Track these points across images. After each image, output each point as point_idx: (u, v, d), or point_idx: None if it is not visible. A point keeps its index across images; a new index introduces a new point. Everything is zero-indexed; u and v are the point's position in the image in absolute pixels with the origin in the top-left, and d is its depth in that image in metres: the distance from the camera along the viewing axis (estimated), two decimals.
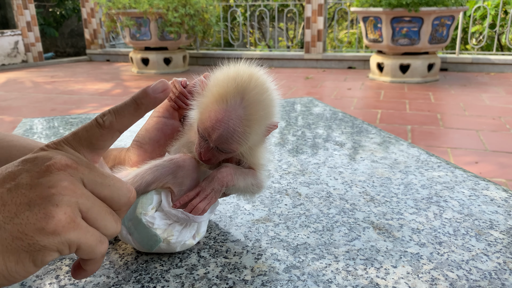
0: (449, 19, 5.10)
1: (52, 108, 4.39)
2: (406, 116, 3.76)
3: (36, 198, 0.33)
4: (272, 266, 0.49)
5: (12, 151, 0.63)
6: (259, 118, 0.46)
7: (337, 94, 4.71)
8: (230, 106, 0.45)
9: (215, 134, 0.46)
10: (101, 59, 8.10)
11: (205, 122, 0.46)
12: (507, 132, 3.27)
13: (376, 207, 0.63)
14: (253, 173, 0.53)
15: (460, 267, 0.49)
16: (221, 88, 0.46)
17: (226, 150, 0.48)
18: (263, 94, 0.47)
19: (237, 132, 0.46)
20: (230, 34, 7.46)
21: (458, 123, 3.53)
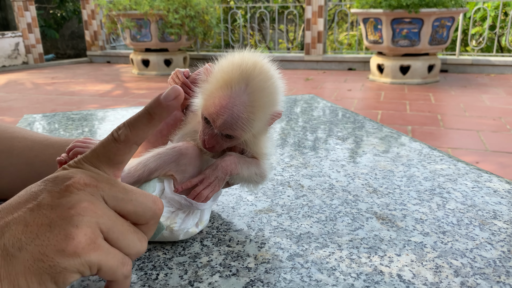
0: (449, 21, 5.11)
1: (53, 108, 4.40)
2: (406, 116, 3.76)
3: (57, 219, 0.32)
4: (275, 254, 0.49)
5: (14, 142, 0.63)
6: (263, 104, 0.46)
7: (338, 95, 4.71)
8: (235, 92, 0.45)
9: (219, 120, 0.46)
10: (101, 61, 8.11)
11: (210, 108, 0.46)
12: (508, 133, 3.27)
13: (379, 198, 0.63)
14: (257, 162, 0.53)
15: (464, 255, 0.48)
16: (225, 75, 0.46)
17: (230, 137, 0.47)
18: (268, 81, 0.47)
19: (241, 118, 0.45)
20: (231, 35, 7.47)
21: (459, 124, 3.53)
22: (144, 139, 0.39)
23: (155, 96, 0.39)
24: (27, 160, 0.62)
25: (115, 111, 1.17)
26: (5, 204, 0.34)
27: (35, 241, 0.31)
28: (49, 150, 0.62)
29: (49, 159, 0.61)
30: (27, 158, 0.62)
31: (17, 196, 0.35)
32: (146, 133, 0.39)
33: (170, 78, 0.58)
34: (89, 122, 1.07)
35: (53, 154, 0.61)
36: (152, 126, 0.39)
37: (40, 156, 0.62)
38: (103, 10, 6.79)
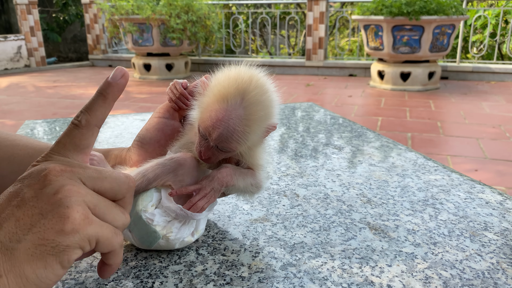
0: (450, 28, 5.13)
1: (54, 112, 4.41)
2: (406, 123, 3.77)
3: (46, 206, 0.34)
4: (269, 263, 0.50)
5: (15, 150, 0.64)
6: (259, 118, 0.48)
7: (338, 101, 4.72)
8: (231, 106, 0.46)
9: (215, 133, 0.47)
10: (103, 65, 8.14)
11: (206, 121, 0.47)
12: (507, 141, 3.28)
13: (373, 209, 0.64)
14: (252, 173, 0.54)
15: (454, 266, 0.49)
16: (222, 88, 0.47)
17: (226, 149, 0.49)
18: (263, 95, 0.48)
19: (237, 132, 0.47)
20: (232, 41, 7.50)
21: (458, 131, 3.54)
22: (103, 120, 0.42)
23: (105, 79, 0.43)
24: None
25: (115, 118, 1.18)
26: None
27: (32, 230, 0.33)
28: None
29: None
30: (28, 165, 0.63)
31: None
32: (104, 113, 0.42)
33: (169, 89, 0.59)
34: None
35: None
36: (107, 106, 0.42)
37: None
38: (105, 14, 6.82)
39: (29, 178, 0.36)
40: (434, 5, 4.87)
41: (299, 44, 8.87)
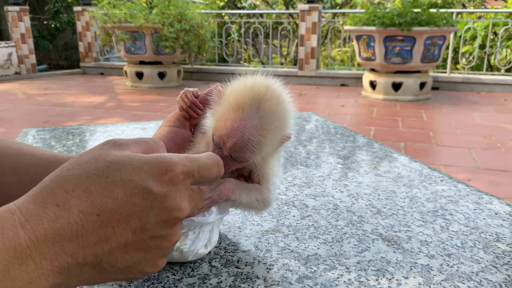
0: (441, 39, 5.20)
1: (45, 120, 4.37)
2: (399, 133, 3.80)
3: (153, 247, 0.34)
4: (284, 276, 0.49)
5: (20, 159, 0.63)
6: (274, 128, 0.47)
7: (331, 111, 4.75)
8: (246, 115, 0.46)
9: (229, 142, 0.46)
10: (95, 72, 8.10)
11: (221, 130, 0.47)
12: (498, 151, 3.31)
13: (384, 220, 0.63)
14: (259, 188, 0.53)
15: (470, 278, 0.49)
16: (238, 97, 0.47)
17: (240, 159, 0.48)
18: (279, 105, 0.48)
19: (251, 141, 0.46)
20: (225, 49, 7.52)
21: (450, 141, 3.57)
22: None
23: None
24: (34, 177, 0.61)
25: (115, 126, 1.17)
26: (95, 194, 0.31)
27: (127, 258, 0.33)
28: (55, 167, 0.62)
29: None
30: (34, 175, 0.61)
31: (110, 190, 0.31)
32: None
33: (179, 97, 0.58)
34: (89, 137, 1.07)
35: None
36: None
37: (46, 173, 0.61)
38: (98, 22, 6.81)
39: (160, 201, 0.33)
40: (425, 16, 4.93)
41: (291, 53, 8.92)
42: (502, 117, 4.46)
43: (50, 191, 0.30)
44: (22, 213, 0.29)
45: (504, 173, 2.87)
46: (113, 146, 0.35)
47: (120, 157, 0.33)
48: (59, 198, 0.30)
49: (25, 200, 0.30)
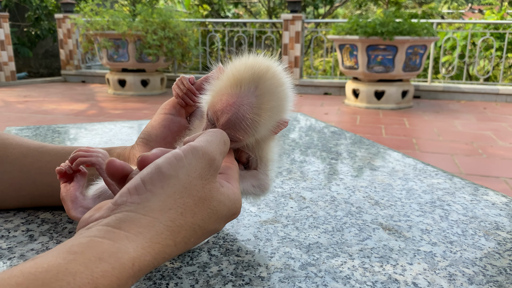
0: (422, 48, 5.30)
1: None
2: (382, 140, 3.83)
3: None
4: (287, 263, 0.48)
5: (8, 149, 0.60)
6: (271, 109, 0.45)
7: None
8: (243, 92, 0.44)
9: (223, 117, 0.44)
10: (76, 80, 7.99)
11: (216, 105, 0.45)
12: (480, 157, 3.37)
13: (382, 210, 0.62)
14: (255, 174, 0.51)
15: (475, 264, 0.49)
16: (237, 73, 0.45)
17: (233, 138, 0.46)
18: (279, 86, 0.46)
19: (246, 119, 0.44)
20: (208, 58, 7.51)
21: (433, 148, 3.62)
22: None
23: None
24: (22, 168, 0.59)
25: (102, 125, 1.14)
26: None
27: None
28: (45, 157, 0.60)
29: (45, 167, 0.58)
30: (22, 165, 0.59)
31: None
32: None
33: (175, 84, 0.57)
34: (76, 135, 1.04)
35: (48, 161, 0.59)
36: None
37: (35, 163, 0.59)
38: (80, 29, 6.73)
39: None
40: (407, 26, 5.02)
41: None
42: (482, 124, 4.55)
43: (165, 245, 0.33)
44: (140, 264, 0.31)
45: (486, 178, 2.91)
46: (213, 175, 0.37)
47: (219, 205, 0.38)
48: (168, 252, 0.33)
49: (143, 249, 0.31)
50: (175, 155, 0.36)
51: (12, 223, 0.56)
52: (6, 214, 0.59)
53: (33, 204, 0.60)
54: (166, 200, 0.33)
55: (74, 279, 0.26)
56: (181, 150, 0.36)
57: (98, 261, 0.28)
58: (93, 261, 0.28)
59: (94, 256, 0.28)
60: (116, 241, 0.30)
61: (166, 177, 0.34)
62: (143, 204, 0.33)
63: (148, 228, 0.32)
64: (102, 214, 0.33)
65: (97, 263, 0.28)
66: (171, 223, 0.33)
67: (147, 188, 0.33)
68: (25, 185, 0.59)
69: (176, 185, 0.34)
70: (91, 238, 0.29)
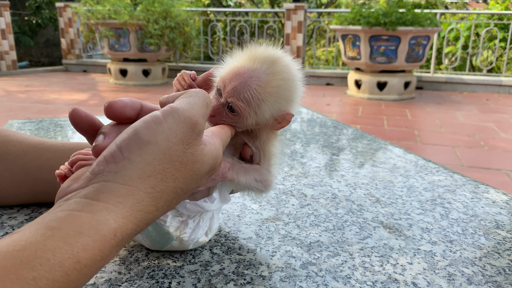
0: (425, 39, 5.27)
1: (27, 117, 4.28)
2: (384, 131, 3.83)
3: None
4: (288, 262, 0.48)
5: (8, 146, 0.60)
6: (277, 92, 0.45)
7: (316, 109, 4.76)
8: (256, 68, 0.45)
9: (230, 85, 0.45)
10: (77, 70, 7.97)
11: (226, 74, 0.46)
12: (482, 149, 3.37)
13: (383, 208, 0.63)
14: (258, 169, 0.51)
15: (474, 263, 0.49)
16: (254, 51, 0.46)
17: (234, 109, 0.45)
18: (289, 77, 0.46)
19: (251, 89, 0.44)
20: (210, 48, 7.48)
21: (435, 139, 3.62)
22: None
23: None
24: (23, 165, 0.59)
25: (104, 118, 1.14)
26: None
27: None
28: (45, 154, 0.60)
29: (45, 164, 0.59)
30: (22, 162, 0.59)
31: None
32: None
33: (176, 80, 0.57)
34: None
35: (49, 158, 0.59)
36: None
37: (35, 160, 0.59)
38: (81, 18, 6.70)
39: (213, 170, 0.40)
40: (410, 16, 4.99)
41: None
42: (484, 116, 4.54)
43: (147, 212, 0.32)
44: (123, 234, 0.30)
45: (488, 170, 2.91)
46: (195, 139, 0.36)
47: (203, 165, 0.37)
48: (151, 217, 0.33)
49: (124, 218, 0.31)
50: (154, 118, 0.33)
51: (16, 219, 0.57)
52: (10, 210, 0.59)
53: (34, 201, 0.61)
54: (144, 167, 0.32)
55: (53, 255, 0.26)
56: (161, 113, 0.34)
57: (78, 235, 0.27)
58: (72, 235, 0.27)
59: (73, 231, 0.27)
60: (95, 213, 0.29)
61: (144, 143, 0.32)
62: (120, 172, 0.31)
63: (127, 197, 0.31)
64: (80, 185, 0.32)
65: (76, 237, 0.27)
66: (151, 189, 0.32)
67: (124, 155, 0.32)
68: (26, 183, 0.59)
69: (155, 151, 0.33)
70: (69, 212, 0.29)
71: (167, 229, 0.47)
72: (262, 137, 0.50)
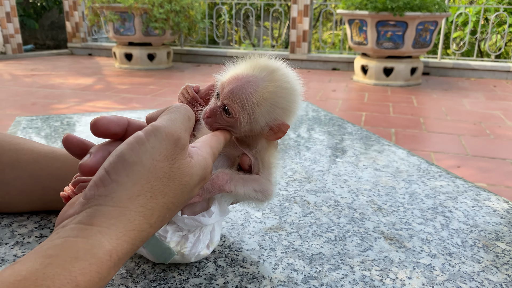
0: (433, 25, 5.20)
1: (33, 102, 4.30)
2: (390, 119, 3.82)
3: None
4: (290, 276, 0.50)
5: (19, 155, 0.62)
6: (272, 99, 0.46)
7: (322, 96, 4.74)
8: (255, 74, 0.46)
9: (228, 87, 0.46)
10: (82, 53, 7.96)
11: (226, 79, 0.48)
12: (487, 138, 3.36)
13: (385, 217, 0.64)
14: (257, 179, 0.52)
15: (472, 278, 0.50)
16: (256, 60, 0.48)
17: (229, 111, 0.47)
18: (288, 85, 0.47)
19: (246, 94, 0.46)
20: (215, 31, 7.43)
21: (440, 128, 3.60)
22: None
23: None
24: (32, 174, 0.61)
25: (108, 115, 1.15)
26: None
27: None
28: (55, 163, 0.61)
29: (55, 173, 0.60)
30: (32, 171, 0.61)
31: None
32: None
33: (180, 93, 0.57)
34: (84, 127, 1.05)
35: (58, 167, 0.60)
36: None
37: (45, 169, 0.61)
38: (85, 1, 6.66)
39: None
40: (418, 1, 4.91)
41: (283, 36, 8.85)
42: (491, 103, 4.51)
43: (140, 230, 0.34)
44: (118, 254, 0.32)
45: (493, 160, 2.91)
46: (180, 153, 0.37)
47: (192, 177, 0.38)
48: (145, 235, 0.34)
49: (118, 238, 0.32)
50: (137, 139, 0.35)
51: (26, 227, 0.58)
52: (20, 217, 0.61)
53: (44, 208, 0.62)
54: (132, 187, 0.33)
55: (53, 282, 0.28)
56: (143, 133, 0.35)
57: (75, 260, 0.29)
58: (69, 261, 0.29)
59: (69, 257, 0.29)
60: (90, 238, 0.31)
61: (130, 164, 0.34)
62: (110, 195, 0.33)
63: (119, 218, 0.32)
64: (75, 210, 0.33)
65: (73, 263, 0.29)
66: (142, 208, 0.33)
67: (112, 178, 0.33)
68: (35, 191, 0.60)
69: (141, 171, 0.34)
70: (65, 239, 0.30)
71: (168, 245, 0.48)
72: (259, 146, 0.50)
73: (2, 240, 0.55)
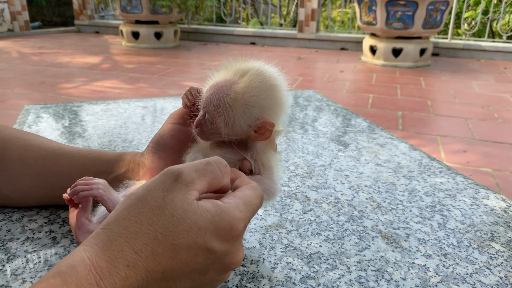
0: (444, 5, 5.10)
1: (41, 81, 4.32)
2: (397, 101, 3.80)
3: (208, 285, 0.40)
4: (288, 276, 0.52)
5: (28, 152, 0.63)
6: (245, 99, 0.47)
7: (330, 77, 4.71)
8: (228, 79, 0.48)
9: (205, 96, 0.49)
10: (89, 31, 7.93)
11: (206, 87, 0.50)
12: (495, 122, 3.33)
13: (383, 215, 0.65)
14: (259, 179, 0.53)
15: (465, 280, 0.52)
16: (233, 65, 0.49)
17: (210, 119, 0.48)
18: (262, 83, 0.48)
19: (219, 99, 0.47)
20: (223, 9, 7.35)
21: (448, 111, 3.58)
22: None
23: None
24: (40, 171, 0.62)
25: (117, 104, 1.17)
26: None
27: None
28: (62, 160, 0.63)
29: (62, 170, 0.62)
30: (40, 168, 0.63)
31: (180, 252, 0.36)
32: None
33: (184, 94, 0.59)
34: (92, 117, 1.07)
35: (65, 165, 0.62)
36: None
37: (52, 167, 0.63)
38: None
39: (220, 263, 0.39)
40: None
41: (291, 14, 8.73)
42: (501, 86, 4.46)
43: (120, 251, 0.34)
44: (97, 271, 0.33)
45: (499, 144, 2.90)
46: (179, 188, 0.38)
47: (186, 213, 0.36)
48: (129, 259, 0.34)
49: (97, 256, 0.34)
50: None
51: (36, 222, 0.61)
52: (30, 212, 0.63)
53: (52, 203, 0.65)
54: (121, 212, 0.37)
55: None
56: None
57: (57, 275, 0.33)
58: (51, 275, 0.33)
59: (54, 271, 0.33)
60: (75, 254, 0.34)
61: (128, 195, 0.38)
62: (105, 222, 0.37)
63: (102, 238, 0.35)
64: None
65: (56, 277, 0.33)
66: (124, 230, 0.35)
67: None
68: (43, 188, 0.62)
69: (134, 199, 0.37)
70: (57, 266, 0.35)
71: None
72: (256, 148, 0.52)
73: (13, 235, 0.58)
